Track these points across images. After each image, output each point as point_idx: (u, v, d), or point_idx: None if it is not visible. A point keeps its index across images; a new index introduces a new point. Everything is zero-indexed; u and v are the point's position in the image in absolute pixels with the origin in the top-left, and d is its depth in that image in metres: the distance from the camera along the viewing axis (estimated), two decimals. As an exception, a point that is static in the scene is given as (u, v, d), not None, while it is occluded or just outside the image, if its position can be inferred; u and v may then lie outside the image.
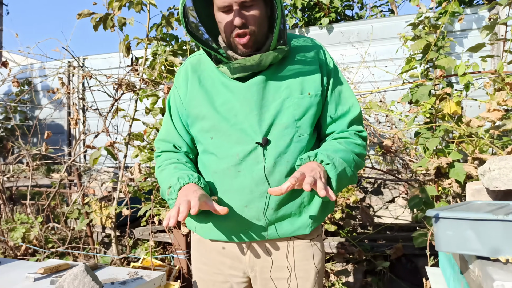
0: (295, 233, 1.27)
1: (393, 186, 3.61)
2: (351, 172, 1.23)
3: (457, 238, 0.60)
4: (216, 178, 1.27)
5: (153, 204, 2.85)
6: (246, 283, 1.36)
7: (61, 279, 1.07)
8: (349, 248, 2.65)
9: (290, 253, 1.30)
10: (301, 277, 1.31)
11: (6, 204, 3.43)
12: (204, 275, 1.38)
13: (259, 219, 1.25)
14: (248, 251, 1.31)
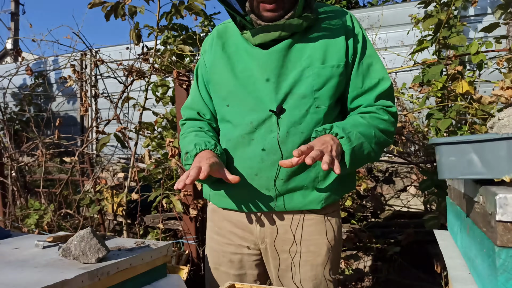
0: (305, 207, 1.26)
1: (405, 174, 3.56)
2: (370, 148, 1.18)
3: (461, 163, 0.58)
4: (230, 146, 1.28)
5: (163, 190, 2.87)
6: (257, 255, 1.35)
7: (68, 241, 1.08)
8: (359, 234, 2.62)
9: (301, 227, 1.29)
10: (312, 252, 1.29)
11: (21, 192, 3.49)
12: (215, 245, 1.38)
13: (268, 189, 1.24)
14: (259, 222, 1.31)
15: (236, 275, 1.35)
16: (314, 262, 1.29)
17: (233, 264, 1.35)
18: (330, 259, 1.30)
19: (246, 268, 1.36)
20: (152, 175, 3.42)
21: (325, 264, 1.29)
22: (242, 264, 1.35)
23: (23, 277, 0.96)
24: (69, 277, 0.96)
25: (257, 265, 1.37)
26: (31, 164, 3.52)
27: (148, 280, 1.23)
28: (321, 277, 1.29)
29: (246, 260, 1.35)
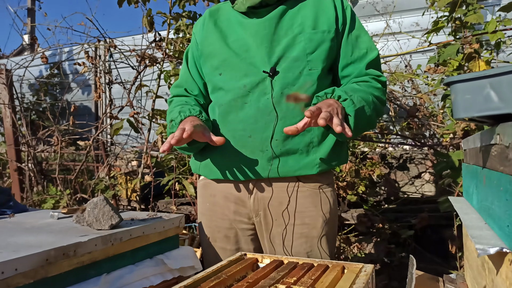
0: (300, 171, 1.24)
1: (419, 160, 3.50)
2: (370, 112, 1.19)
3: (477, 100, 0.57)
4: (222, 111, 1.28)
5: (175, 174, 2.89)
6: (252, 230, 1.34)
7: (81, 208, 1.10)
8: (372, 218, 2.60)
9: (295, 198, 1.27)
10: (307, 224, 1.28)
11: (37, 178, 3.56)
12: (208, 221, 1.37)
13: (263, 150, 1.22)
14: (252, 194, 1.29)
15: (233, 250, 1.34)
16: (309, 235, 1.27)
17: (229, 240, 1.34)
18: (325, 232, 1.28)
19: (242, 243, 1.35)
20: (165, 161, 3.45)
21: (320, 237, 1.28)
22: (238, 239, 1.34)
23: (38, 240, 0.98)
24: (83, 240, 0.97)
25: (252, 240, 1.35)
26: (47, 151, 3.59)
27: (160, 250, 1.24)
28: (317, 250, 1.28)
29: (241, 235, 1.34)
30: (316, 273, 1.01)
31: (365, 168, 3.08)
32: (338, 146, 1.28)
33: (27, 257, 0.84)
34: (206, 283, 0.94)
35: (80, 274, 0.97)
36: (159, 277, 1.18)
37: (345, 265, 1.09)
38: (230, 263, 1.10)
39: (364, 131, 1.34)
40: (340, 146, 1.30)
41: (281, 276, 0.99)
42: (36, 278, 0.85)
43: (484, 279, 0.65)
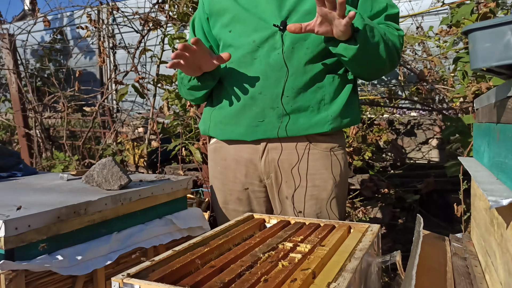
0: (311, 129, 1.23)
1: (427, 126, 3.47)
2: (380, 38, 1.10)
3: (496, 49, 0.55)
4: (232, 68, 1.26)
5: (182, 140, 2.90)
6: (264, 192, 1.35)
7: (91, 169, 1.11)
8: (378, 183, 2.61)
9: (306, 160, 1.27)
10: (317, 186, 1.28)
11: (46, 144, 3.59)
12: (220, 184, 1.38)
13: (273, 108, 1.21)
14: (262, 156, 1.29)
15: (245, 212, 1.35)
16: (319, 197, 1.28)
17: (241, 202, 1.35)
18: (335, 194, 1.29)
19: (254, 205, 1.36)
20: (171, 128, 3.45)
21: (330, 199, 1.28)
22: (250, 201, 1.35)
23: (48, 199, 1.00)
24: (93, 199, 0.98)
25: (264, 201, 1.36)
26: (54, 117, 3.60)
27: (169, 210, 1.26)
28: (326, 212, 1.29)
29: (253, 197, 1.35)
30: (322, 232, 1.03)
31: (372, 134, 3.06)
32: (350, 104, 1.25)
33: (39, 214, 0.86)
34: (214, 241, 0.95)
35: (92, 232, 0.99)
36: (168, 236, 1.20)
37: (351, 225, 1.10)
38: (238, 223, 1.12)
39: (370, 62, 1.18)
40: (352, 104, 1.27)
41: (288, 235, 1.01)
42: (49, 235, 0.87)
43: (493, 235, 0.65)
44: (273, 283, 0.71)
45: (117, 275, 0.73)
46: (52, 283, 0.89)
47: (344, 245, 0.93)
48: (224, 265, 0.81)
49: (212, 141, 1.42)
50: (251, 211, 1.35)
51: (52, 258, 0.87)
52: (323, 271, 0.77)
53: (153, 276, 0.74)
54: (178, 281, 0.73)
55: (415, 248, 0.67)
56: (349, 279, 0.70)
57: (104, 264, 0.97)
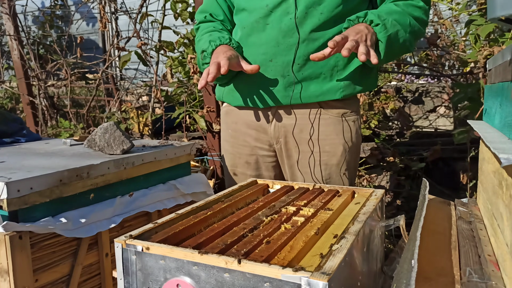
0: (323, 97, 1.21)
1: (435, 94, 3.40)
2: (406, 36, 1.12)
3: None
4: (244, 33, 1.23)
5: (186, 107, 2.88)
6: (273, 157, 1.35)
7: (92, 133, 1.10)
8: (383, 151, 2.59)
9: (317, 125, 1.25)
10: (327, 152, 1.27)
11: (50, 112, 3.59)
12: (230, 147, 1.38)
13: (284, 76, 1.19)
14: (273, 121, 1.28)
15: (253, 176, 1.36)
16: (328, 162, 1.27)
17: (250, 166, 1.36)
18: (346, 160, 1.27)
19: (262, 170, 1.37)
20: (175, 96, 3.42)
21: (340, 165, 1.27)
22: (258, 165, 1.36)
23: (51, 163, 0.99)
24: (96, 163, 0.98)
25: (273, 166, 1.37)
26: (57, 85, 3.58)
27: (173, 176, 1.26)
28: (336, 177, 1.28)
29: (262, 161, 1.35)
30: (326, 197, 1.02)
31: (379, 102, 3.01)
32: (366, 70, 1.21)
33: (42, 177, 0.86)
34: (217, 205, 0.95)
35: (95, 195, 0.99)
36: (172, 201, 1.21)
37: (355, 190, 1.09)
38: (241, 188, 1.12)
39: (398, 56, 1.27)
40: (369, 70, 1.23)
41: (291, 199, 1.01)
42: (52, 197, 0.88)
43: (500, 197, 0.63)
44: (275, 245, 0.70)
45: (120, 237, 0.73)
46: (57, 245, 0.90)
47: (348, 209, 0.92)
48: (226, 228, 0.81)
49: (224, 104, 1.41)
50: (259, 176, 1.36)
51: (56, 220, 0.87)
52: (326, 234, 0.76)
53: (156, 238, 0.74)
54: (181, 243, 0.73)
55: (420, 210, 0.66)
56: (351, 241, 0.69)
57: (108, 227, 0.98)
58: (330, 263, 0.60)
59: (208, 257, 0.64)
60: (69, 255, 0.93)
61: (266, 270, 0.59)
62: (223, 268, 0.63)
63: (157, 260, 0.69)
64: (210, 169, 2.84)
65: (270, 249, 0.69)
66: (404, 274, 0.46)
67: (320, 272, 0.57)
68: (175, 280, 0.67)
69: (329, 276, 0.56)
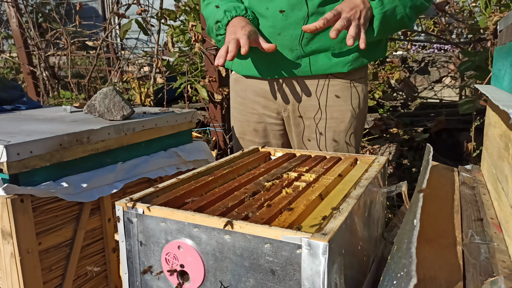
0: (331, 70, 1.19)
1: (442, 64, 3.33)
2: (404, 13, 1.08)
3: None
4: (253, 7, 1.18)
5: (188, 77, 2.84)
6: (280, 125, 1.34)
7: (92, 98, 1.08)
8: (387, 121, 2.56)
9: (325, 92, 1.24)
10: (336, 118, 1.26)
11: (51, 82, 3.55)
12: (239, 115, 1.38)
13: (292, 50, 1.17)
14: (281, 89, 1.26)
15: (261, 143, 1.36)
16: (337, 129, 1.26)
17: (258, 133, 1.35)
18: (353, 126, 1.27)
19: (270, 138, 1.36)
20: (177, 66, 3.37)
21: (347, 131, 1.27)
22: (266, 133, 1.35)
23: (51, 128, 0.98)
24: (96, 128, 0.97)
25: (281, 135, 1.36)
26: (57, 54, 3.53)
27: (174, 143, 1.25)
28: (343, 144, 1.28)
29: (270, 129, 1.34)
30: (328, 163, 1.01)
31: (384, 72, 2.96)
32: (375, 41, 1.18)
33: (41, 141, 0.85)
34: (219, 171, 0.95)
35: (96, 160, 0.99)
36: (173, 168, 1.21)
37: (358, 157, 1.08)
38: (243, 155, 1.11)
39: (395, 32, 1.24)
40: (378, 40, 1.20)
41: (293, 166, 1.00)
42: (52, 162, 0.87)
43: (506, 159, 0.62)
44: (276, 208, 0.70)
45: (121, 200, 0.73)
46: (59, 209, 0.91)
47: (350, 175, 0.91)
48: (227, 192, 0.81)
49: (233, 72, 1.39)
50: (267, 144, 1.36)
51: (57, 184, 0.87)
52: (328, 198, 0.76)
53: (157, 201, 0.74)
54: (182, 207, 0.73)
55: (423, 174, 0.65)
56: (352, 205, 0.69)
57: (110, 192, 0.98)
58: (331, 225, 0.60)
59: (209, 219, 0.64)
60: (72, 220, 0.94)
61: (266, 231, 0.59)
62: (223, 230, 0.63)
63: (158, 223, 0.69)
64: (213, 140, 2.84)
65: (271, 212, 0.68)
66: (406, 234, 0.46)
67: (321, 233, 0.57)
68: (176, 242, 0.67)
69: (330, 237, 0.56)
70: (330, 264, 0.56)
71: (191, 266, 0.67)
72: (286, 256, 0.58)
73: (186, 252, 0.67)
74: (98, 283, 1.03)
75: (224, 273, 0.64)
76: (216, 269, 0.65)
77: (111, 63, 4.06)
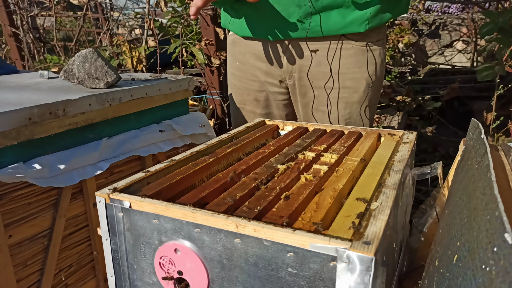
0: (345, 29, 1.01)
1: (454, 27, 3.13)
2: None
3: None
4: None
5: (182, 40, 2.63)
6: (285, 94, 1.18)
7: (69, 62, 0.91)
8: (397, 89, 2.40)
9: (337, 57, 1.07)
10: (348, 88, 1.09)
11: (36, 44, 3.32)
12: (238, 82, 1.21)
13: (300, 6, 0.99)
14: (286, 52, 1.09)
15: (263, 115, 1.21)
16: (349, 100, 1.11)
17: (259, 103, 1.20)
18: (368, 97, 1.11)
19: (273, 108, 1.21)
20: (170, 28, 3.14)
21: (362, 102, 1.11)
22: (268, 103, 1.20)
23: (19, 97, 0.82)
24: (73, 98, 0.81)
25: (284, 105, 1.20)
26: (41, 15, 3.27)
27: (168, 115, 1.09)
28: (356, 116, 1.13)
29: (272, 99, 1.19)
30: (348, 140, 0.87)
31: (394, 35, 2.76)
32: None
33: (5, 114, 0.69)
34: (221, 150, 0.80)
35: (75, 137, 0.83)
36: (168, 144, 1.06)
37: (381, 133, 0.94)
38: (248, 129, 0.96)
39: None
40: None
41: (307, 143, 0.85)
42: (20, 140, 0.72)
43: None
44: (296, 201, 0.56)
45: (103, 189, 0.59)
46: (32, 195, 0.76)
47: (378, 155, 0.77)
48: (234, 178, 0.67)
49: (231, 32, 1.21)
50: (269, 115, 1.21)
51: (28, 167, 0.72)
52: (357, 187, 0.62)
53: (148, 191, 0.60)
54: (178, 197, 0.59)
55: (485, 159, 0.51)
56: (393, 198, 0.55)
57: (94, 174, 0.84)
58: (372, 229, 0.46)
59: (213, 218, 0.50)
60: (49, 207, 0.80)
61: (289, 237, 0.45)
62: (232, 233, 0.49)
63: (149, 220, 0.55)
64: (210, 109, 2.67)
65: (290, 206, 0.55)
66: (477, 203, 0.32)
67: (363, 241, 0.43)
68: (173, 244, 0.54)
69: (375, 247, 0.42)
70: (374, 280, 0.43)
71: (191, 273, 0.54)
72: (315, 270, 0.45)
73: (184, 257, 0.54)
74: (85, 275, 0.90)
75: (233, 284, 0.51)
76: (223, 279, 0.52)
77: (99, 25, 3.80)
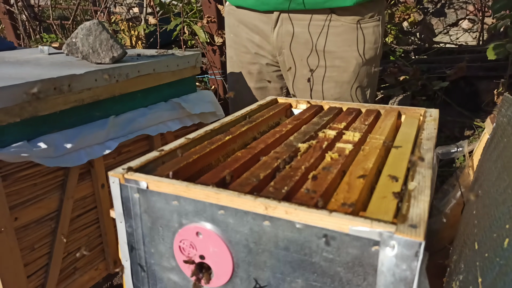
0: (330, 3, 0.96)
1: (460, 5, 3.05)
2: None
3: None
4: None
5: (183, 17, 2.55)
6: (278, 66, 1.16)
7: (72, 35, 0.86)
8: (403, 68, 2.35)
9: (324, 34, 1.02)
10: (337, 67, 1.05)
11: (31, 23, 3.22)
12: (234, 55, 1.20)
13: None
14: (275, 27, 1.05)
15: (257, 89, 1.18)
16: (339, 79, 1.06)
17: (252, 76, 1.18)
18: (360, 77, 1.06)
19: (267, 81, 1.18)
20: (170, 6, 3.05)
21: (352, 83, 1.06)
22: (262, 75, 1.17)
23: (20, 72, 0.77)
24: (78, 73, 0.76)
25: (278, 76, 1.18)
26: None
27: (176, 93, 1.05)
28: (347, 97, 1.09)
29: (266, 71, 1.16)
30: (368, 118, 0.83)
31: (399, 13, 2.69)
32: None
33: (6, 89, 0.64)
34: (236, 128, 0.76)
35: (82, 114, 0.79)
36: (177, 123, 1.01)
37: (401, 110, 0.90)
38: (260, 108, 0.92)
39: None
40: None
41: (325, 121, 0.81)
42: (24, 117, 0.67)
43: None
44: (325, 182, 0.53)
45: (116, 169, 0.55)
46: (38, 176, 0.72)
47: (402, 134, 0.73)
48: (253, 157, 0.63)
49: (227, 3, 1.17)
50: (264, 89, 1.19)
51: (33, 145, 0.68)
52: (387, 166, 0.58)
53: (164, 170, 0.56)
54: (196, 177, 0.55)
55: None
56: (430, 177, 0.51)
57: (102, 153, 0.80)
58: (416, 210, 0.43)
59: (240, 199, 0.46)
60: (56, 188, 0.76)
61: (325, 219, 0.42)
62: (261, 215, 0.45)
63: (168, 201, 0.52)
64: (212, 89, 2.61)
65: (320, 187, 0.51)
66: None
67: (409, 225, 0.40)
68: (194, 227, 0.50)
69: (423, 230, 0.39)
70: (421, 265, 0.40)
71: (214, 258, 0.51)
72: (355, 255, 0.41)
73: (207, 240, 0.50)
74: (94, 258, 0.87)
75: (261, 269, 0.48)
76: (250, 264, 0.49)
77: (96, 2, 3.69)
